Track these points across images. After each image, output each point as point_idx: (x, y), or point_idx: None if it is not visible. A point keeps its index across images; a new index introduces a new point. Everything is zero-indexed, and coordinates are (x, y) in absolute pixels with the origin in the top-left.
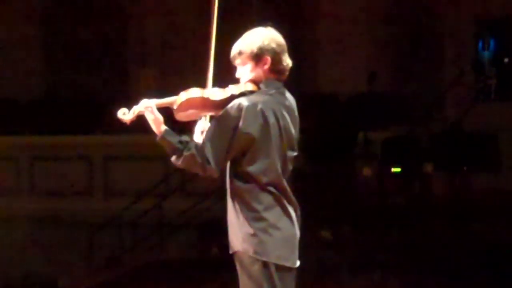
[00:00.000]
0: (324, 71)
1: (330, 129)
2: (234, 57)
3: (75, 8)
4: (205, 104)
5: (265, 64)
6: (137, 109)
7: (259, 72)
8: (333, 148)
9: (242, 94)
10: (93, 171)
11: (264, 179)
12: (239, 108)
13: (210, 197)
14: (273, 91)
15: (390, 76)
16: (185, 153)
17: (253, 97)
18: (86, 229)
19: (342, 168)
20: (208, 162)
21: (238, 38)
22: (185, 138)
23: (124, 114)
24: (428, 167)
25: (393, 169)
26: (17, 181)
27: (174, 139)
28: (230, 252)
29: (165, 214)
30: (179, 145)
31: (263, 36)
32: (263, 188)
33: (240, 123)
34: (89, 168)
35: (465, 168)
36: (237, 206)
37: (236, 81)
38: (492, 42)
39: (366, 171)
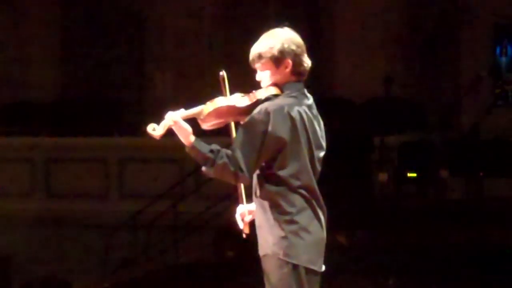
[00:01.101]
0: (340, 76)
1: (346, 134)
2: (254, 61)
3: (91, 10)
4: (232, 111)
5: (286, 67)
6: (166, 123)
7: (280, 75)
8: (349, 153)
9: (267, 99)
10: (109, 173)
11: (296, 183)
12: (266, 112)
13: (225, 199)
14: (296, 93)
15: (406, 81)
16: (218, 162)
17: (278, 101)
18: (101, 231)
19: (358, 172)
20: (241, 170)
21: (255, 40)
22: (215, 146)
23: (154, 130)
24: (444, 173)
25: (409, 174)
26: (32, 183)
27: (205, 148)
28: (260, 254)
29: (180, 216)
30: (210, 155)
31: (282, 39)
32: (296, 190)
33: (269, 128)
34: (104, 170)
35: (481, 173)
36: (268, 210)
37: (256, 83)
38: (509, 48)
39: (382, 176)
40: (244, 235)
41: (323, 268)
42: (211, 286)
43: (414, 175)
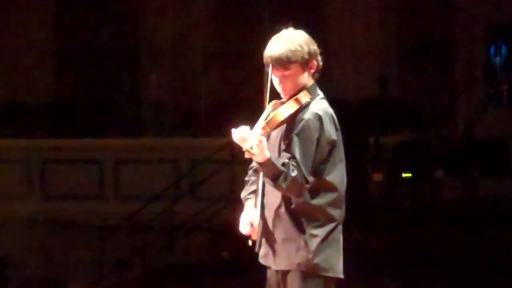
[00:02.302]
0: (335, 76)
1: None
2: (280, 66)
3: (86, 12)
4: (286, 120)
5: (311, 68)
6: (257, 140)
7: (305, 78)
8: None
9: (308, 103)
10: (104, 174)
11: (343, 188)
12: (318, 117)
13: (220, 201)
14: (320, 94)
15: (401, 81)
16: (291, 175)
17: (320, 105)
18: (97, 232)
19: (353, 173)
20: (306, 181)
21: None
22: (283, 159)
23: (251, 148)
24: (439, 173)
25: (404, 174)
26: (28, 184)
27: (278, 162)
28: (276, 268)
29: (176, 217)
30: (283, 169)
31: (305, 40)
32: (340, 200)
33: (322, 133)
34: (100, 171)
35: (476, 173)
36: (303, 222)
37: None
38: (504, 48)
39: (377, 176)
40: (250, 242)
41: None
42: (207, 287)
43: (409, 175)
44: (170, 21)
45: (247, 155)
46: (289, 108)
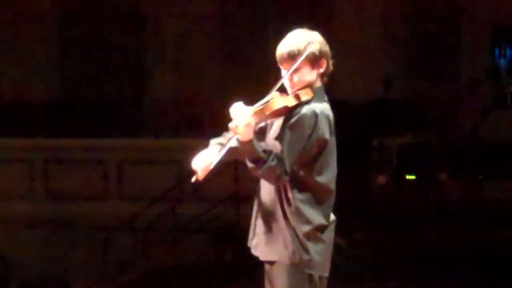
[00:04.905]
0: (339, 78)
1: (344, 136)
2: (288, 59)
3: (91, 10)
4: (282, 112)
5: (320, 67)
6: (246, 121)
7: (313, 76)
8: (347, 155)
9: (308, 101)
10: (108, 174)
11: (332, 190)
12: (314, 115)
13: (224, 202)
14: (326, 97)
15: (405, 83)
16: (270, 164)
17: (318, 104)
18: (100, 232)
19: (357, 174)
20: (286, 173)
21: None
22: (266, 146)
23: (237, 127)
24: (443, 175)
25: (408, 176)
26: (31, 184)
27: (259, 147)
28: (265, 259)
29: (179, 218)
30: (263, 155)
31: (318, 38)
32: (327, 198)
33: (315, 130)
34: (103, 172)
35: (480, 176)
36: (289, 217)
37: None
38: (508, 50)
39: (381, 178)
40: (194, 179)
41: None
42: None
43: (413, 177)
44: (174, 21)
45: (231, 133)
46: (285, 101)
